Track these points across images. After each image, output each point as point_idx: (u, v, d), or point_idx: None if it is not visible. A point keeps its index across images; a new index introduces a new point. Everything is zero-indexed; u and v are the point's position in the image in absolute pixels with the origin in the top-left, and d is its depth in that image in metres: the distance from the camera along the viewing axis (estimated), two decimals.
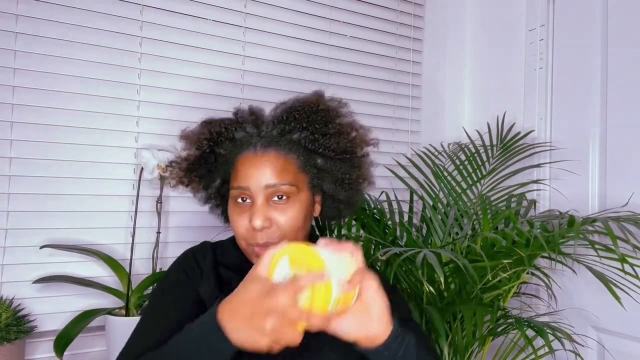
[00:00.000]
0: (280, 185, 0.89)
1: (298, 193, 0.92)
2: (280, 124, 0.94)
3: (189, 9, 1.53)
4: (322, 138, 0.94)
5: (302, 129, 0.94)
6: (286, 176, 0.90)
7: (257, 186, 0.90)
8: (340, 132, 0.96)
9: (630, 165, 1.44)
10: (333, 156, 0.95)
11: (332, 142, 0.95)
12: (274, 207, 0.90)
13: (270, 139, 0.93)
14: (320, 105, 0.97)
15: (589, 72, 1.56)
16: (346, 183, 0.98)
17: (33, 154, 1.34)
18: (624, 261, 1.03)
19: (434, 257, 1.01)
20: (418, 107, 1.99)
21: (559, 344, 1.15)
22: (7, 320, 1.18)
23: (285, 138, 0.94)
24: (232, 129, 0.96)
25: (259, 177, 0.90)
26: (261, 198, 0.90)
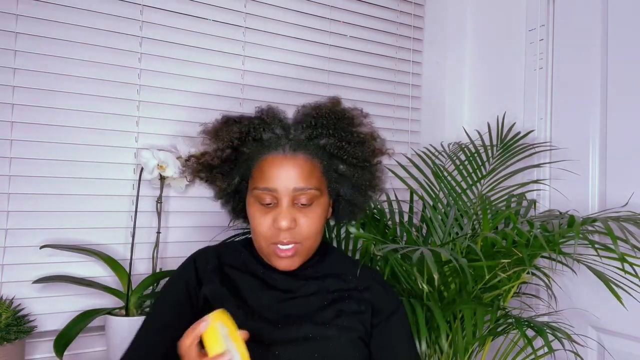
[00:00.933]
0: (307, 189, 0.92)
1: (321, 197, 0.95)
2: (308, 129, 0.97)
3: (189, 9, 1.53)
4: (348, 145, 0.97)
5: (329, 135, 0.97)
6: (312, 180, 0.93)
7: (285, 188, 0.92)
8: (364, 141, 1.00)
9: (630, 165, 1.44)
10: (355, 163, 0.99)
11: (357, 150, 0.98)
12: (298, 209, 0.93)
13: (298, 142, 0.95)
14: (346, 114, 1.00)
15: (589, 72, 1.56)
16: (363, 189, 1.02)
17: (33, 154, 1.34)
18: (624, 261, 1.03)
19: (430, 254, 1.01)
20: (418, 107, 1.99)
21: (559, 344, 1.15)
22: (7, 320, 1.18)
23: (313, 143, 0.96)
24: (260, 129, 0.97)
25: (287, 180, 0.92)
26: (287, 200, 0.92)
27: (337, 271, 1.02)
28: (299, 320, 0.93)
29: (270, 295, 0.96)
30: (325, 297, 0.97)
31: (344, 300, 0.97)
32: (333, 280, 1.00)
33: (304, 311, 0.94)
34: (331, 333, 0.92)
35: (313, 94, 1.74)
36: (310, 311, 0.94)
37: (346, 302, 0.97)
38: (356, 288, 1.00)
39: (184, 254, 1.49)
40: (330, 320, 0.93)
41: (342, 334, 0.92)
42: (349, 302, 0.97)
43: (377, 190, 1.05)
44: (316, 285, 0.98)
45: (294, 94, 1.69)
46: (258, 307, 0.94)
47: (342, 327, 0.93)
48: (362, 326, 0.95)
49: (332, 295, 0.97)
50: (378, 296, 1.00)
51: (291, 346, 0.90)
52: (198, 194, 1.53)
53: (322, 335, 0.91)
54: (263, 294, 0.96)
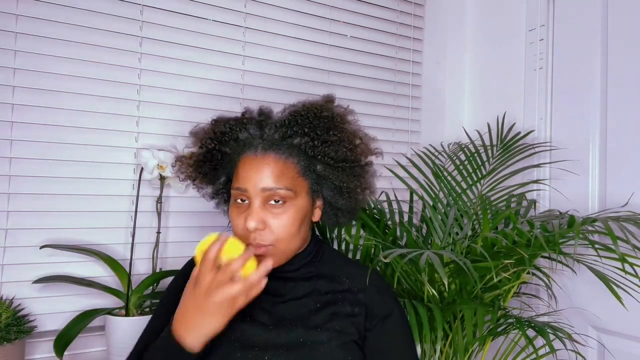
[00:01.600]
0: (276, 189, 0.90)
1: (295, 198, 0.92)
2: (282, 128, 0.95)
3: (189, 9, 1.53)
4: (322, 145, 0.94)
5: (303, 134, 0.94)
6: (284, 180, 0.91)
7: (254, 188, 0.90)
8: (341, 140, 0.96)
9: (630, 165, 1.44)
10: (332, 164, 0.95)
11: (331, 150, 0.94)
12: (269, 210, 0.91)
13: (271, 142, 0.94)
14: (323, 112, 0.97)
15: (589, 72, 1.56)
16: (344, 191, 0.98)
17: (33, 154, 1.34)
18: (624, 261, 1.03)
19: (437, 259, 1.00)
20: (418, 107, 1.99)
21: (559, 343, 1.15)
22: (7, 320, 1.18)
23: (286, 142, 0.94)
24: (236, 130, 0.97)
25: (256, 180, 0.90)
26: (258, 200, 0.90)
27: (330, 272, 1.00)
28: (291, 324, 0.92)
29: (262, 300, 0.94)
30: (317, 299, 0.95)
31: (337, 302, 0.95)
32: (326, 281, 0.98)
33: (296, 314, 0.93)
34: (322, 337, 0.90)
35: (313, 94, 1.73)
36: (302, 314, 0.93)
37: (339, 305, 0.95)
38: (350, 290, 0.97)
39: (184, 254, 1.50)
40: (322, 324, 0.92)
41: (333, 338, 0.90)
42: (343, 305, 0.95)
43: (363, 193, 1.00)
44: (308, 287, 0.97)
45: (294, 94, 1.69)
46: (250, 310, 0.93)
47: (334, 330, 0.91)
48: (355, 329, 0.93)
49: (325, 298, 0.96)
50: (372, 298, 0.97)
51: (282, 351, 0.89)
52: (198, 194, 1.53)
53: (313, 339, 0.90)
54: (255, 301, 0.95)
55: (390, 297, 1.00)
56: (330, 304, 0.95)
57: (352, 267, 1.03)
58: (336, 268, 1.02)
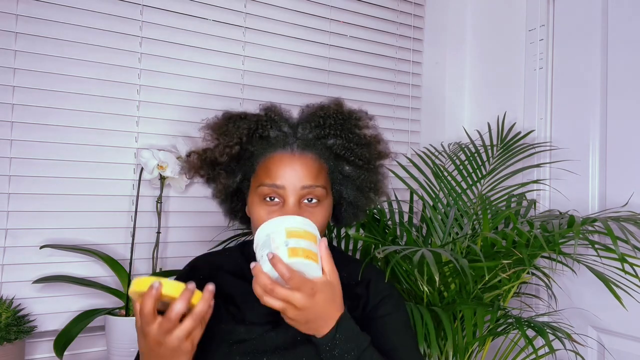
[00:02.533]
0: (315, 187, 0.91)
1: (327, 196, 0.95)
2: (317, 128, 0.96)
3: (189, 9, 1.53)
4: (355, 147, 0.97)
5: (337, 135, 0.96)
6: (321, 179, 0.93)
7: (293, 186, 0.91)
8: (369, 143, 0.99)
9: (630, 165, 1.44)
10: (361, 165, 0.98)
11: (364, 152, 0.98)
12: (304, 209, 0.92)
13: (307, 141, 0.95)
14: (353, 115, 1.00)
15: (589, 72, 1.56)
16: (366, 191, 1.01)
17: (33, 154, 1.34)
18: (624, 261, 1.03)
19: (430, 256, 1.01)
20: (418, 107, 1.99)
21: (559, 343, 1.15)
22: (7, 320, 1.18)
23: (321, 142, 0.96)
24: (267, 127, 0.97)
25: (295, 178, 0.91)
26: (294, 198, 0.91)
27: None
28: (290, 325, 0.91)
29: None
30: None
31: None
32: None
33: None
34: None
35: (313, 94, 1.74)
36: None
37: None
38: (348, 284, 0.97)
39: (184, 254, 1.50)
40: None
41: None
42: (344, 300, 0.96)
43: (380, 193, 1.04)
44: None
45: (294, 94, 1.69)
46: (250, 312, 0.93)
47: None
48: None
49: None
50: (369, 288, 0.99)
51: (280, 351, 0.88)
52: (198, 194, 1.53)
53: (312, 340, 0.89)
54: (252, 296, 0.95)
55: (386, 285, 1.01)
56: None
57: (349, 262, 1.04)
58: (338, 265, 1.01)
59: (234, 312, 0.94)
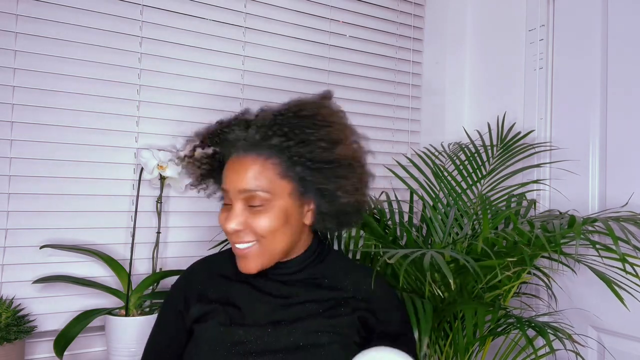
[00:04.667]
0: (253, 190, 0.89)
1: (274, 200, 0.90)
2: (262, 128, 0.92)
3: (189, 9, 1.53)
4: (296, 145, 0.91)
5: (281, 134, 0.91)
6: (261, 182, 0.90)
7: (234, 190, 0.91)
8: (319, 140, 0.91)
9: (630, 165, 1.44)
10: (309, 165, 0.92)
11: (306, 151, 0.91)
12: (250, 211, 0.91)
13: (252, 142, 0.92)
14: (303, 111, 0.94)
15: (589, 72, 1.56)
16: (326, 194, 0.94)
17: (33, 154, 1.34)
18: (625, 261, 1.03)
19: (441, 258, 1.00)
20: (418, 107, 2.00)
21: (560, 343, 1.15)
22: (7, 320, 1.18)
23: (267, 143, 0.91)
24: (225, 131, 0.97)
25: (236, 181, 0.90)
26: (238, 202, 0.91)
27: (334, 276, 0.99)
28: (291, 328, 0.91)
29: (262, 301, 0.95)
30: (320, 304, 0.94)
31: (340, 307, 0.95)
32: (329, 286, 0.97)
33: (296, 317, 0.92)
34: (323, 341, 0.89)
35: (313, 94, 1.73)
36: (303, 318, 0.92)
37: (342, 309, 0.94)
38: (354, 297, 0.97)
39: (184, 254, 1.50)
40: (323, 328, 0.91)
41: (334, 341, 0.89)
42: (345, 309, 0.94)
43: (345, 197, 0.94)
44: (311, 292, 0.96)
45: (294, 94, 1.68)
46: (250, 314, 0.93)
47: (336, 333, 0.91)
48: (356, 332, 0.93)
49: (329, 303, 0.95)
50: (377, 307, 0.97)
51: (280, 356, 0.88)
52: (198, 194, 1.53)
53: (313, 343, 0.89)
54: (254, 301, 0.96)
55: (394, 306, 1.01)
56: (333, 308, 0.94)
57: (356, 272, 1.02)
58: (340, 272, 1.01)
59: (232, 314, 0.94)
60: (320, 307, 0.94)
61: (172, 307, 1.02)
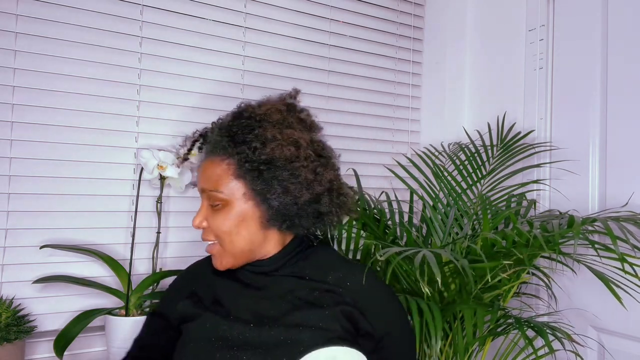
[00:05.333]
0: (209, 191, 0.96)
1: (230, 200, 0.94)
2: (221, 130, 0.98)
3: (189, 9, 1.53)
4: (237, 146, 0.93)
5: (228, 136, 0.95)
6: (214, 183, 0.95)
7: (199, 189, 0.99)
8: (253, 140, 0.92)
9: (630, 166, 1.44)
10: (250, 166, 0.92)
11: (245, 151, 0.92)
12: (211, 210, 0.97)
13: (213, 144, 0.98)
14: (243, 112, 0.98)
15: (589, 72, 1.56)
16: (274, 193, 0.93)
17: (33, 154, 1.34)
18: (624, 261, 1.03)
19: (432, 257, 1.00)
20: (418, 107, 2.00)
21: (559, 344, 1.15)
22: (7, 320, 1.18)
23: (220, 145, 0.96)
24: (206, 133, 1.07)
25: (201, 181, 0.98)
26: (204, 200, 0.98)
27: (317, 271, 0.98)
28: (272, 322, 0.90)
29: (245, 295, 0.96)
30: (301, 297, 0.93)
31: (322, 301, 0.93)
32: (311, 280, 0.96)
33: (277, 312, 0.92)
34: (304, 336, 0.88)
35: (313, 94, 1.74)
36: (284, 312, 0.91)
37: (325, 303, 0.92)
38: (337, 291, 0.95)
39: (184, 254, 1.50)
40: (304, 323, 0.89)
41: (315, 335, 0.88)
42: (328, 304, 0.92)
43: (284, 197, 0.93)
44: (292, 285, 0.96)
45: None
46: (234, 309, 0.94)
47: (317, 327, 0.89)
48: (340, 326, 0.90)
49: (310, 296, 0.93)
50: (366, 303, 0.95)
51: (261, 351, 0.87)
52: (198, 194, 1.53)
53: (294, 338, 0.88)
54: (239, 295, 0.97)
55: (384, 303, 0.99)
56: (316, 302, 0.93)
57: (343, 267, 1.00)
58: (325, 267, 0.99)
59: (217, 310, 0.95)
60: (301, 299, 0.93)
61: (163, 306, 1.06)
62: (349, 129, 1.84)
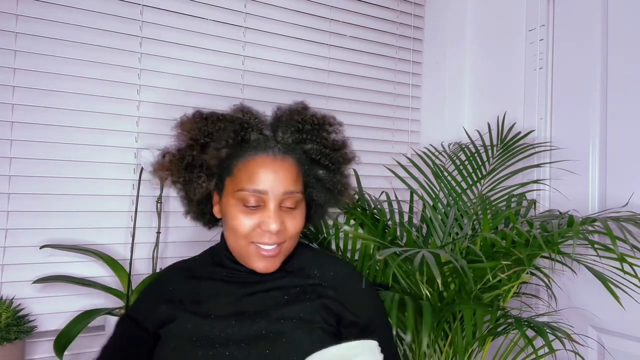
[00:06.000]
0: (296, 192, 0.93)
1: (302, 200, 0.97)
2: (296, 133, 0.98)
3: (189, 8, 1.53)
4: (330, 151, 1.00)
5: (313, 140, 0.99)
6: (299, 184, 0.95)
7: (276, 191, 0.91)
8: (340, 147, 1.03)
9: (630, 165, 1.44)
10: (333, 169, 1.01)
11: (336, 156, 1.01)
12: (284, 212, 0.93)
13: (287, 145, 0.97)
14: (326, 120, 1.02)
15: (589, 72, 1.56)
16: (335, 193, 1.03)
17: (33, 154, 1.34)
18: (623, 261, 1.03)
19: (431, 258, 1.00)
20: (418, 107, 2.00)
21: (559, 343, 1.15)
22: (7, 320, 1.18)
23: (300, 147, 0.98)
24: (248, 129, 0.96)
25: (278, 183, 0.91)
26: (275, 203, 0.92)
27: (300, 266, 1.01)
28: (255, 317, 0.90)
29: (228, 294, 0.95)
30: (286, 292, 0.95)
31: (305, 294, 0.94)
32: (296, 275, 0.98)
33: (261, 307, 0.92)
34: (285, 328, 0.88)
35: (313, 94, 1.74)
36: (268, 307, 0.92)
37: (307, 296, 0.94)
38: (320, 284, 0.97)
39: (184, 254, 1.50)
40: (287, 315, 0.90)
41: (297, 327, 0.88)
42: (310, 296, 0.94)
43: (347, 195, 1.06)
44: (278, 281, 0.96)
45: (294, 94, 1.69)
46: (215, 308, 0.93)
47: (299, 319, 0.89)
48: (321, 317, 0.91)
49: (294, 291, 0.95)
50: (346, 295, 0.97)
51: (243, 345, 0.87)
52: None
53: (276, 330, 0.88)
54: (221, 295, 0.96)
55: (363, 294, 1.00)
56: (298, 296, 0.94)
57: (325, 261, 1.03)
58: (307, 261, 1.02)
59: (197, 311, 0.93)
60: (284, 294, 0.94)
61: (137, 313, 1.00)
62: (349, 129, 1.82)
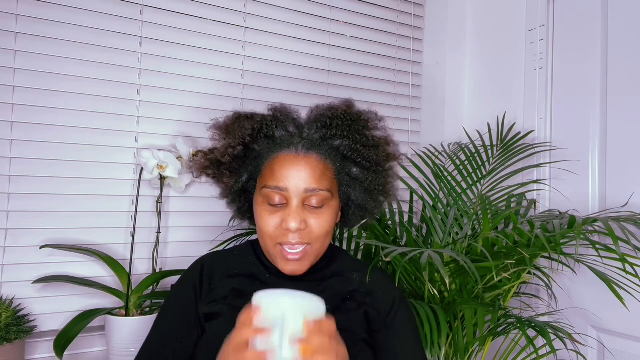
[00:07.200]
0: (319, 190, 0.90)
1: (331, 200, 0.93)
2: (323, 129, 0.95)
3: (189, 9, 1.53)
4: (362, 148, 0.96)
5: (344, 136, 0.95)
6: (324, 182, 0.91)
7: (296, 188, 0.89)
8: (378, 145, 0.99)
9: (630, 165, 1.44)
10: (369, 167, 0.97)
11: (371, 153, 0.97)
12: (308, 210, 0.91)
13: (312, 141, 0.94)
14: (361, 116, 0.99)
15: (589, 72, 1.56)
16: (375, 193, 1.00)
17: (33, 154, 1.34)
18: (625, 261, 1.03)
19: (438, 258, 1.00)
20: (418, 107, 1.99)
21: (560, 343, 1.15)
22: (7, 320, 1.18)
23: (327, 143, 0.95)
24: (272, 126, 0.95)
25: (299, 180, 0.89)
26: (298, 200, 0.89)
27: (340, 271, 1.00)
28: None
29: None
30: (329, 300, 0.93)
31: (347, 301, 0.95)
32: (337, 281, 0.98)
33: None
34: None
35: (313, 94, 1.73)
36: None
37: (348, 303, 0.95)
38: (357, 290, 0.97)
39: (184, 254, 1.50)
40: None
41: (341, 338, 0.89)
42: (352, 303, 0.95)
43: (389, 196, 1.03)
44: (321, 289, 0.96)
45: (294, 94, 1.69)
46: None
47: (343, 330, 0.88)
48: (362, 329, 0.93)
49: (336, 299, 0.95)
50: (379, 297, 0.97)
51: None
52: (198, 194, 1.53)
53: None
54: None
55: (395, 295, 0.99)
56: (341, 304, 0.94)
57: (358, 266, 1.02)
58: (344, 267, 1.01)
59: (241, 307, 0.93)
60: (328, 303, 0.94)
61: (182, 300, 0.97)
62: None
